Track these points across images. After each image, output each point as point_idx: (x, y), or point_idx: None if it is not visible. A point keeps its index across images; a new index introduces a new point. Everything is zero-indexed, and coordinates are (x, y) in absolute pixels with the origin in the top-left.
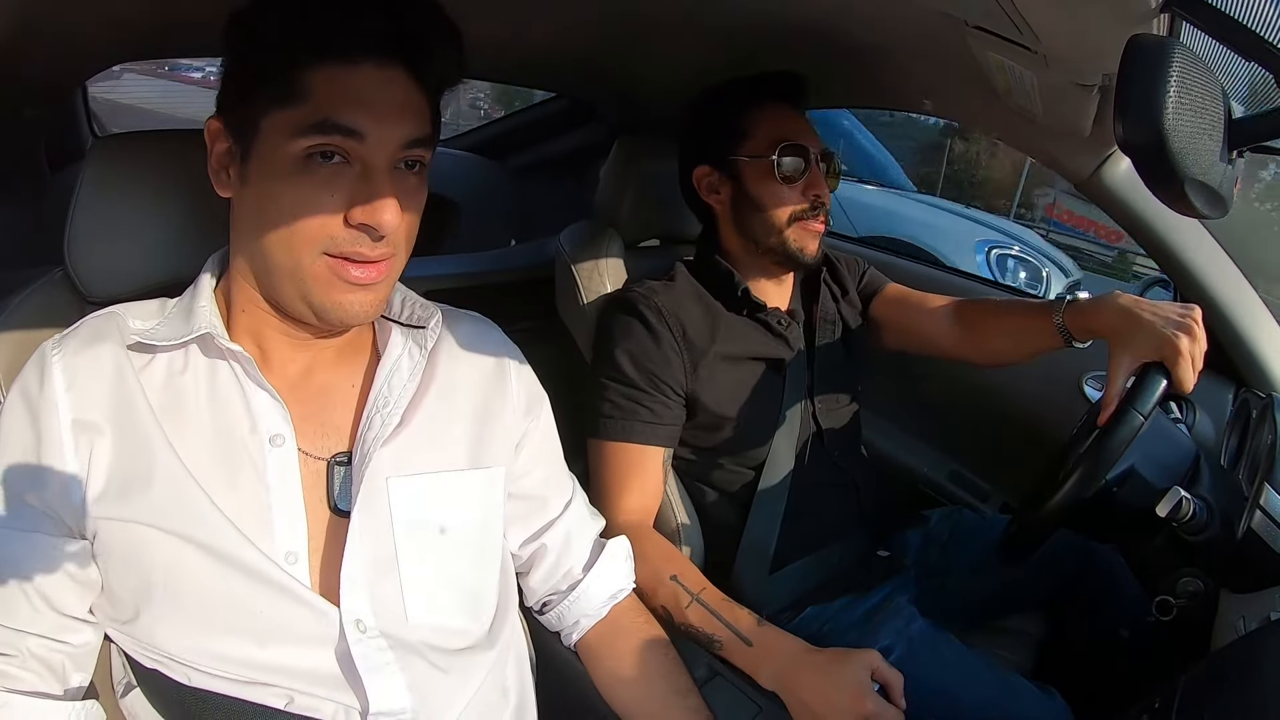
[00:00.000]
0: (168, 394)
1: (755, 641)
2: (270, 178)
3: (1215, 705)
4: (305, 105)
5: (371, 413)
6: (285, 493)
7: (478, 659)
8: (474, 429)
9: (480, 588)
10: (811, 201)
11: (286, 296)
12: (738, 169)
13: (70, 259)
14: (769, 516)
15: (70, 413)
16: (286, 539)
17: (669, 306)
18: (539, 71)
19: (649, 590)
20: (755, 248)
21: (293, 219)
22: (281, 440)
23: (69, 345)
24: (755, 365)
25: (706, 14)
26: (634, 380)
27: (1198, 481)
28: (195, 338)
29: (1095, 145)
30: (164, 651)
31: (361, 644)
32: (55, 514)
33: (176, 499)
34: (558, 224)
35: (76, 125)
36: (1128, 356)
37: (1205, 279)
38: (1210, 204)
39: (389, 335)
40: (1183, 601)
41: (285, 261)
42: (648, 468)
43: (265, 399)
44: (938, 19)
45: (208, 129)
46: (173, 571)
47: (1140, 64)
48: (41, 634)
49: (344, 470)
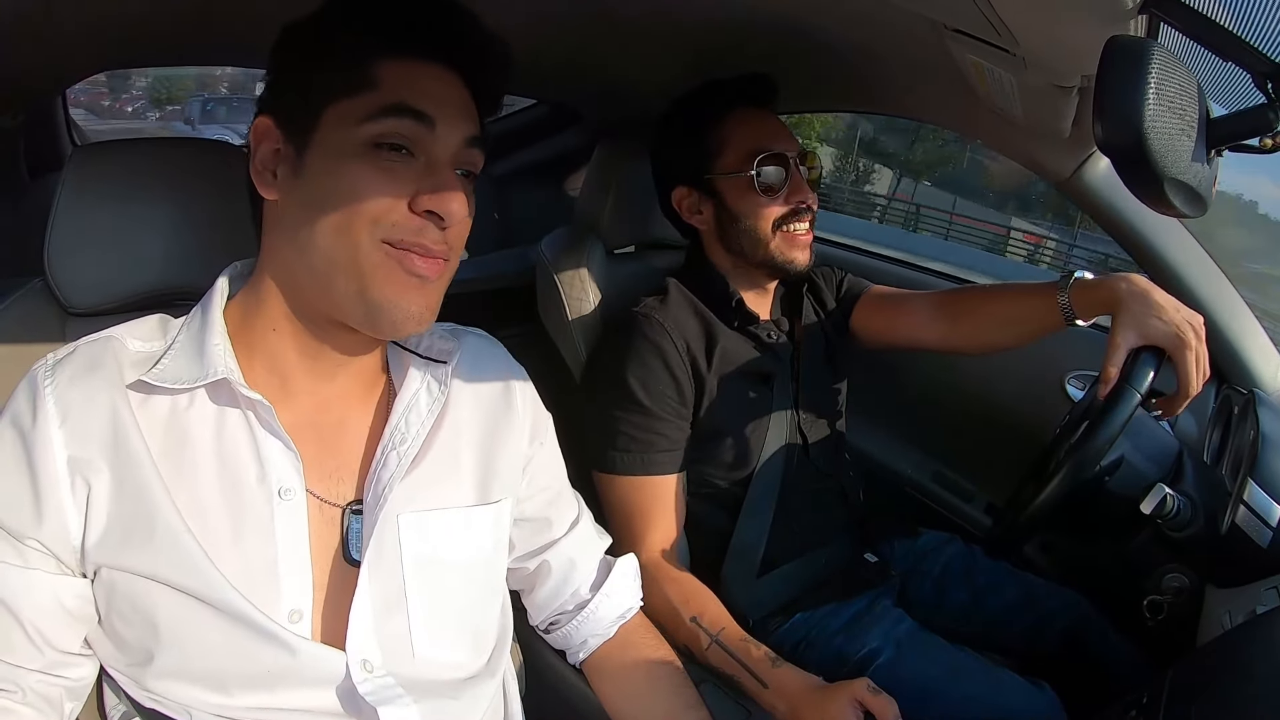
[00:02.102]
0: (170, 435)
1: (770, 683)
2: (331, 166)
3: (1203, 700)
4: (375, 92)
5: (387, 450)
6: (292, 547)
7: (481, 688)
8: (483, 460)
9: (483, 622)
10: (795, 207)
11: (340, 295)
12: (716, 187)
13: (50, 269)
14: (757, 523)
15: (65, 450)
16: (292, 597)
17: (671, 325)
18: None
19: (670, 629)
20: (744, 261)
21: (353, 202)
22: (290, 494)
23: (62, 375)
24: (746, 380)
25: (682, 11)
26: (649, 409)
27: (1181, 478)
28: (209, 384)
29: (1075, 146)
30: (167, 696)
31: (368, 683)
32: (52, 551)
33: (176, 554)
34: (540, 230)
35: (56, 133)
36: (1133, 333)
37: (1186, 277)
38: (1189, 203)
39: (405, 368)
40: (1168, 597)
41: (343, 252)
42: (670, 498)
43: (277, 448)
44: (915, 22)
45: (255, 128)
46: (177, 626)
47: (1119, 65)
48: (41, 669)
49: (358, 519)
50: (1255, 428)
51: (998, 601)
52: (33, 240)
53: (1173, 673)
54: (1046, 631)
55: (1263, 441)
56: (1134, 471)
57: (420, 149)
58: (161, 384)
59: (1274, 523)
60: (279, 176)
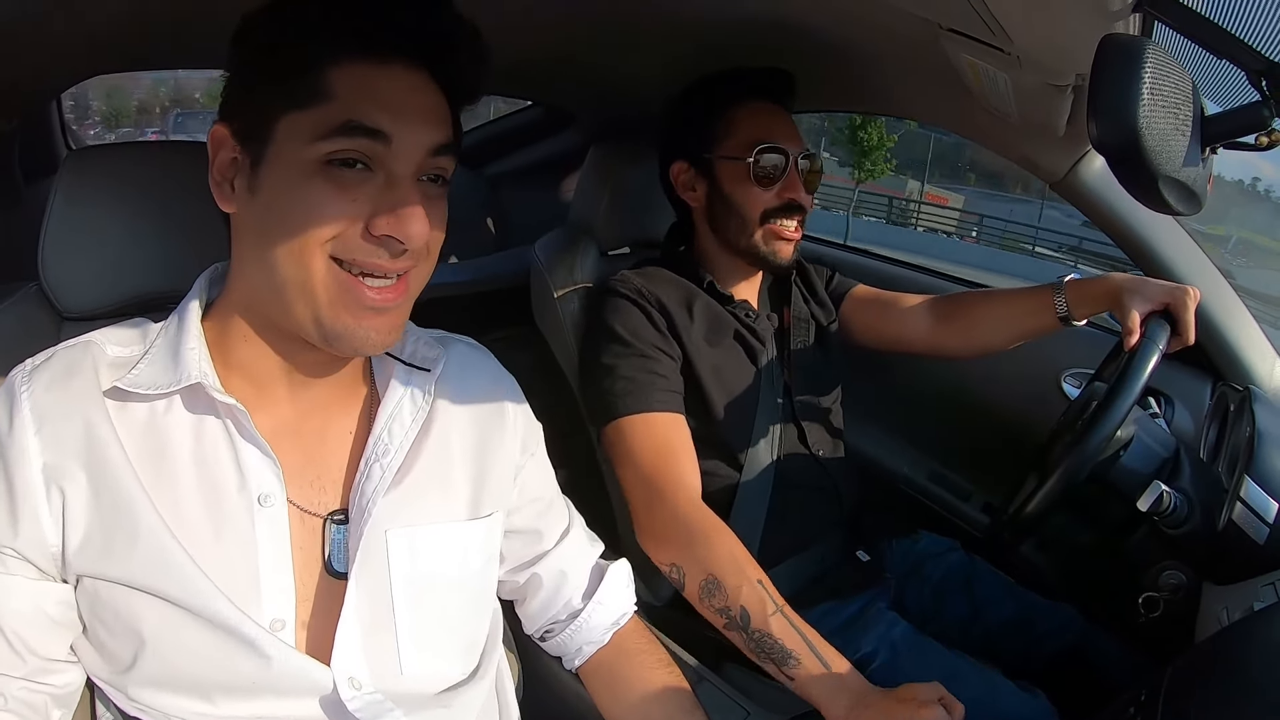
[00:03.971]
0: (148, 441)
1: (833, 667)
2: (284, 184)
3: (1201, 697)
4: (327, 106)
5: (370, 461)
6: (273, 554)
7: (471, 693)
8: (473, 473)
9: (474, 633)
10: (786, 203)
11: (299, 318)
12: (714, 168)
13: (44, 273)
14: (751, 518)
15: (41, 457)
16: (273, 606)
17: (647, 288)
18: (512, 79)
19: (728, 587)
20: (729, 246)
21: (305, 226)
22: (270, 500)
23: (39, 381)
24: (733, 347)
25: (676, 13)
26: (641, 350)
27: (1178, 475)
28: (182, 389)
29: (1069, 145)
30: (152, 706)
31: (357, 699)
32: (31, 559)
33: (160, 559)
34: (536, 231)
35: (51, 138)
36: (1140, 299)
37: (1181, 274)
38: (1184, 201)
39: (389, 375)
40: (1166, 595)
41: (295, 274)
42: (683, 435)
43: (256, 455)
44: (910, 21)
45: (212, 136)
46: (160, 635)
47: (1113, 63)
48: (24, 677)
49: (341, 529)
50: (1251, 424)
51: (995, 618)
52: (27, 245)
53: (1171, 670)
54: (1043, 649)
55: (1259, 438)
56: (1143, 450)
57: (378, 163)
58: (135, 390)
59: (1271, 519)
60: (236, 189)
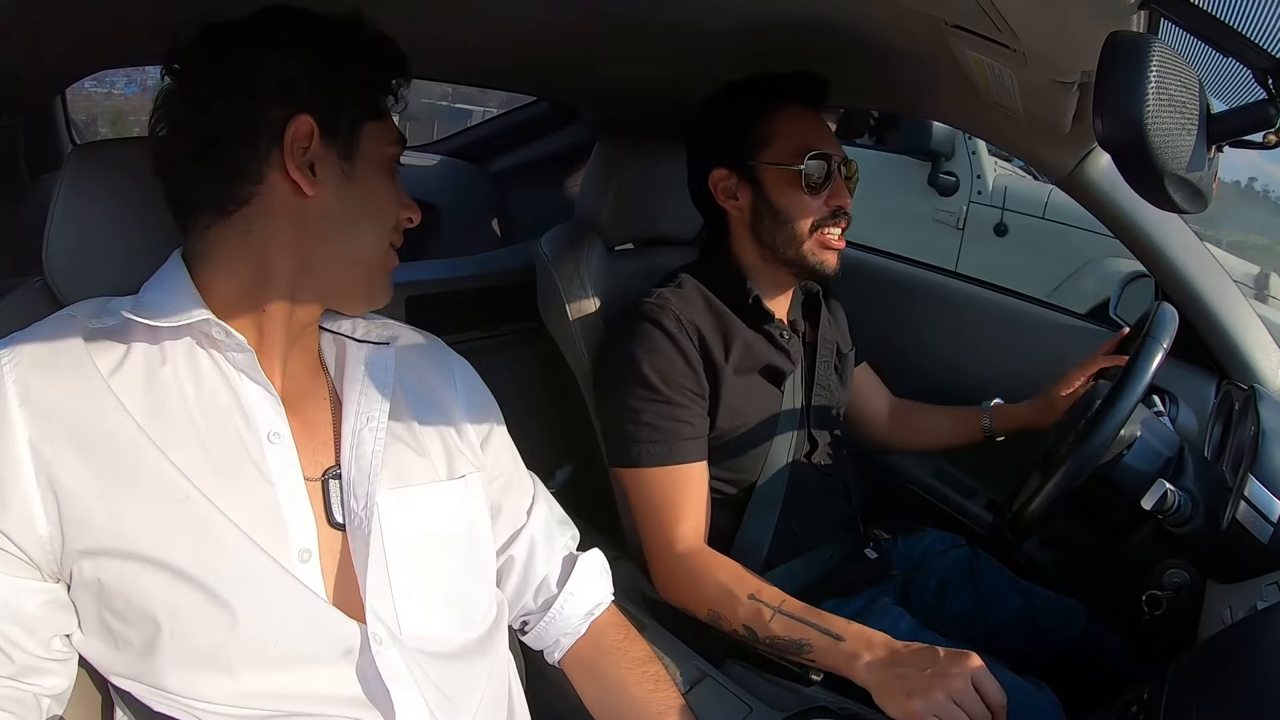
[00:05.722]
0: (151, 397)
1: (847, 636)
2: (375, 177)
3: (1203, 695)
4: (388, 119)
5: (359, 427)
6: (290, 489)
7: (476, 667)
8: (442, 440)
9: (471, 596)
10: (834, 210)
11: (351, 283)
12: (759, 175)
13: (49, 268)
14: (763, 521)
15: (26, 431)
16: (299, 536)
17: (686, 315)
18: (517, 74)
19: (727, 614)
20: (773, 257)
21: (387, 211)
22: (279, 437)
23: (22, 354)
24: (759, 378)
25: (681, 9)
26: (669, 396)
27: (1182, 474)
28: (198, 320)
29: (1075, 142)
30: (177, 695)
31: (381, 655)
32: (19, 544)
33: (180, 510)
34: (541, 227)
35: (56, 133)
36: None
37: (1186, 273)
38: (1190, 199)
39: (343, 351)
40: (1169, 593)
41: (377, 249)
42: (698, 485)
43: (257, 392)
44: (916, 18)
45: (298, 126)
46: (177, 613)
47: (1119, 61)
48: (10, 677)
49: (337, 485)
50: (1256, 423)
51: (999, 612)
52: (32, 239)
53: (1174, 668)
54: (1047, 643)
55: (1263, 437)
56: (1146, 449)
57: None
58: (151, 322)
59: (1274, 518)
60: (318, 175)
